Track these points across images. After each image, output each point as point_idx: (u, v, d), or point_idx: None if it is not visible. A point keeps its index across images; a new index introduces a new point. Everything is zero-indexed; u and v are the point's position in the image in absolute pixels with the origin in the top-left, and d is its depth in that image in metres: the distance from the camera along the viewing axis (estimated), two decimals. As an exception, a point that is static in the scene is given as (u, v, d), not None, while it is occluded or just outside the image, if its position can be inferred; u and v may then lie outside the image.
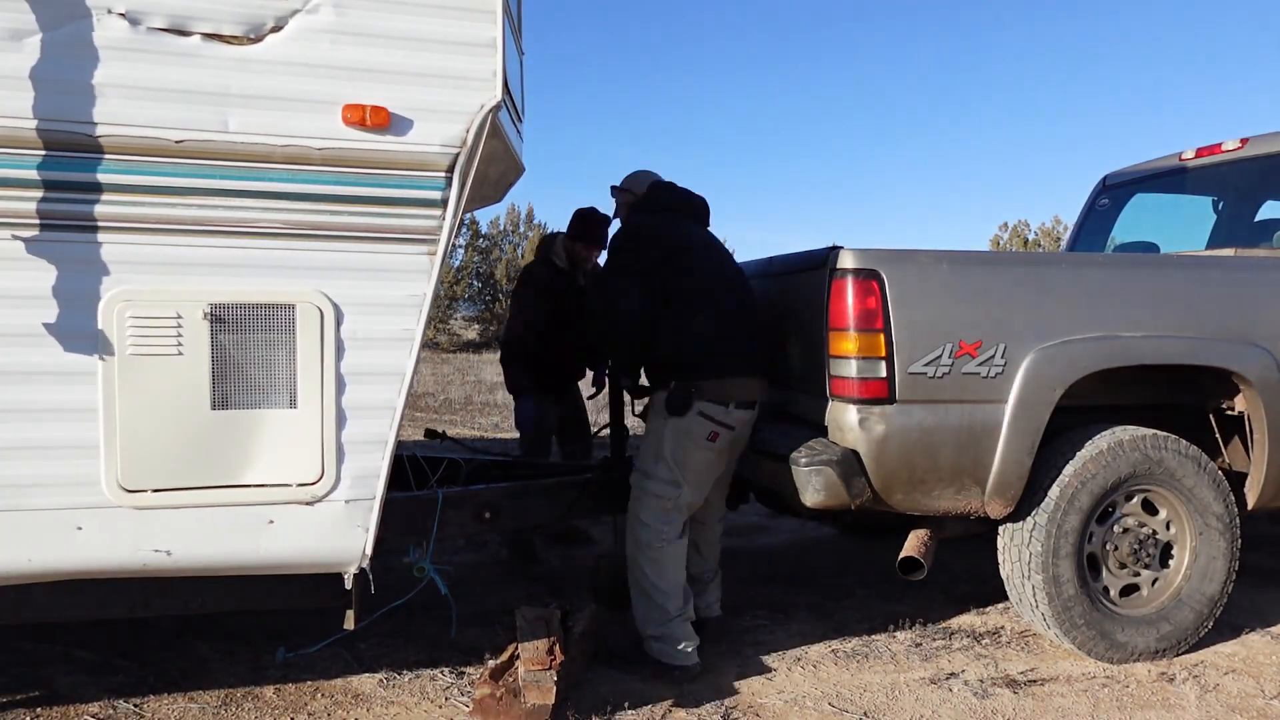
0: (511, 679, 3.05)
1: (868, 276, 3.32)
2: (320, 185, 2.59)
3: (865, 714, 3.20)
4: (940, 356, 3.36)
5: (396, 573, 4.39)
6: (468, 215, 25.89)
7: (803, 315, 3.66)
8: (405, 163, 2.63)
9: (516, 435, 5.07)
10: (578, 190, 66.67)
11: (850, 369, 3.36)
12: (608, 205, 4.03)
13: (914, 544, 3.68)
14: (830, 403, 3.46)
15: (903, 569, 3.60)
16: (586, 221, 4.83)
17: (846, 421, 3.37)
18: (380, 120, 2.58)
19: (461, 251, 26.11)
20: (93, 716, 3.03)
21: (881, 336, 3.31)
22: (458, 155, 2.66)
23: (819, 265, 3.48)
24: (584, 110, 71.73)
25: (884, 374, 3.32)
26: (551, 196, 64.95)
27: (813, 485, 3.34)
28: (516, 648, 3.10)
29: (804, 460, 3.37)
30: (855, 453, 3.35)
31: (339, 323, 2.63)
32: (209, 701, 3.16)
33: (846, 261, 3.37)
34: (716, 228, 3.81)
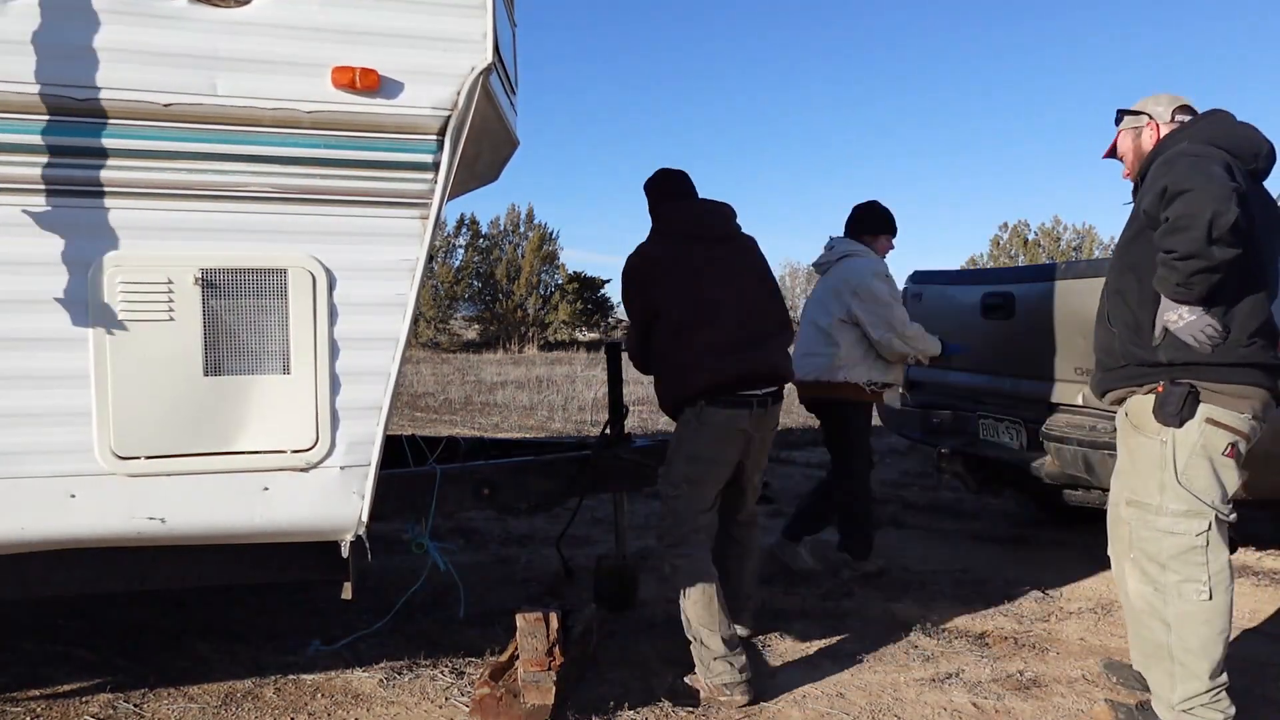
0: (511, 679, 3.04)
1: None
2: (310, 149, 2.58)
3: (865, 714, 3.18)
4: None
5: (399, 571, 4.39)
6: (468, 214, 25.93)
7: None
8: (396, 125, 2.62)
9: (520, 436, 5.07)
10: (578, 190, 66.69)
11: None
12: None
13: None
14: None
15: None
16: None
17: None
18: (370, 83, 2.57)
19: (461, 251, 26.16)
20: (93, 717, 3.02)
21: None
22: (449, 118, 2.65)
23: None
24: (585, 110, 71.75)
25: None
26: (552, 197, 65.10)
27: None
28: (516, 648, 3.10)
29: None
30: None
31: (331, 287, 2.62)
32: (209, 701, 3.14)
33: None
34: None
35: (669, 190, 3.67)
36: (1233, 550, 4.24)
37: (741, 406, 3.37)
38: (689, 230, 3.52)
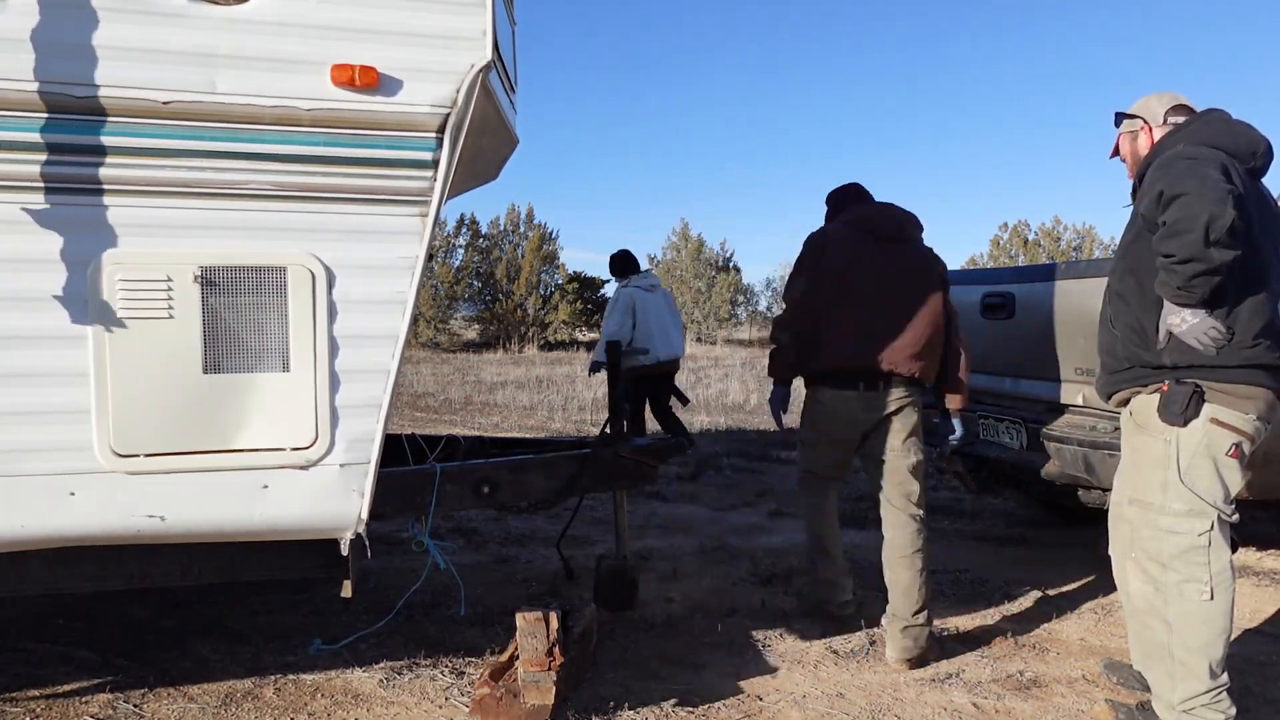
0: (511, 679, 3.04)
1: None
2: (310, 146, 2.57)
3: (865, 714, 3.18)
4: None
5: (399, 571, 4.39)
6: (468, 214, 25.94)
7: None
8: (395, 123, 2.61)
9: (520, 435, 5.10)
10: (578, 190, 66.74)
11: None
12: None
13: None
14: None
15: None
16: None
17: None
18: (369, 80, 2.57)
19: (461, 251, 26.16)
20: (93, 717, 3.01)
21: None
22: (448, 116, 2.64)
23: None
24: (586, 109, 71.83)
25: None
26: (552, 197, 65.10)
27: None
28: (516, 648, 3.09)
29: None
30: None
31: (331, 285, 2.61)
32: (209, 701, 3.14)
33: None
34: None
35: (853, 195, 4.19)
36: (1234, 550, 4.25)
37: (849, 389, 3.79)
38: (866, 225, 3.94)
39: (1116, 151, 3.26)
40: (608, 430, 4.01)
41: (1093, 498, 4.60)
